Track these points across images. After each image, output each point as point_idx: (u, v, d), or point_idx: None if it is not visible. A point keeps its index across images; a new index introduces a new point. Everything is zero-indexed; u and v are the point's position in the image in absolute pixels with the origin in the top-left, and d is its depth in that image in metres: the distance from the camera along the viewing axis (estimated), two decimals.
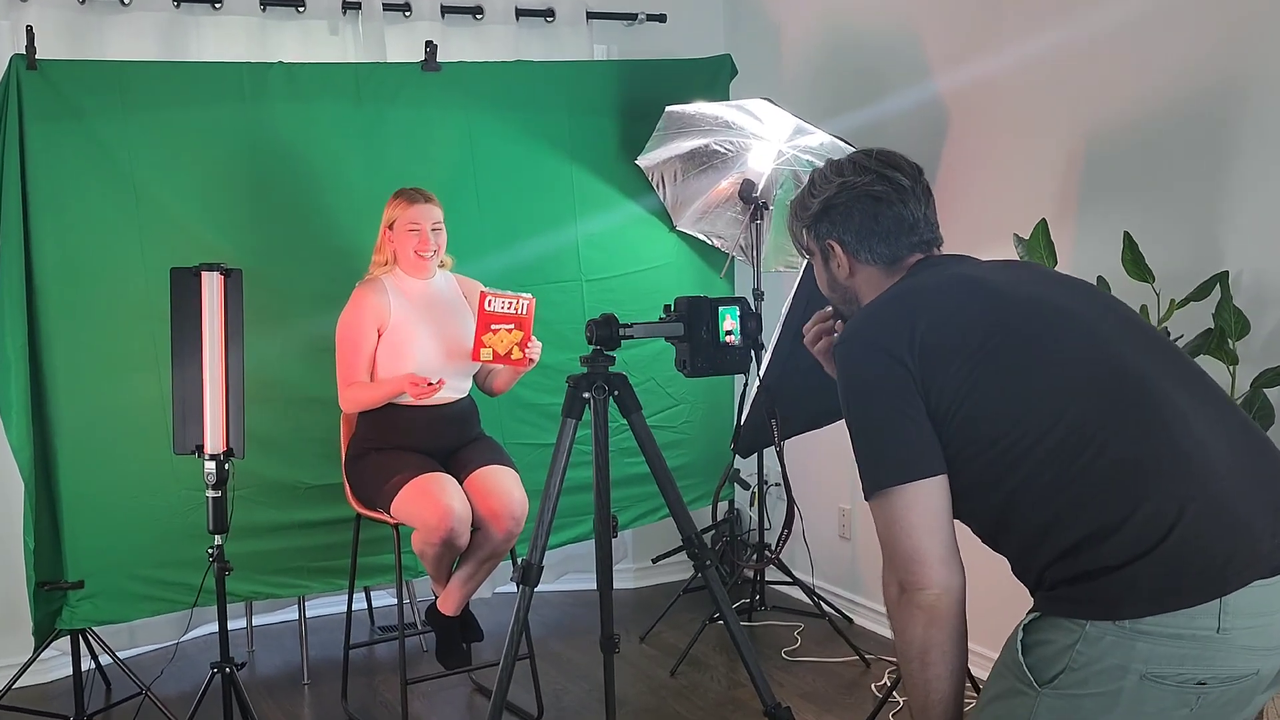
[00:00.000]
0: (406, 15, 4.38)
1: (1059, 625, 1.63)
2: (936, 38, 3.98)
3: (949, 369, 1.72)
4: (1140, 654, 1.56)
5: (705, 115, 4.20)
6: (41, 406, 3.68)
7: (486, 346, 3.43)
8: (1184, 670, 1.56)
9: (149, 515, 3.78)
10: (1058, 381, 1.69)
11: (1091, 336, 1.75)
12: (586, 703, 3.82)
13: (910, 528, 1.71)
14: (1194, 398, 1.71)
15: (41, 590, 3.66)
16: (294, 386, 3.94)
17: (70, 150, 3.68)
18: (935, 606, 1.70)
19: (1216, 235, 3.08)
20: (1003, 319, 1.76)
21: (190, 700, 3.43)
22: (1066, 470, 1.64)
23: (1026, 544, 1.71)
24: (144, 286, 3.71)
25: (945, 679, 1.72)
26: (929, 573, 1.69)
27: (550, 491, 2.73)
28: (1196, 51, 3.14)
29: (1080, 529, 1.62)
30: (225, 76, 3.91)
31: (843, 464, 4.52)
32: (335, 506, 3.86)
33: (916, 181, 1.96)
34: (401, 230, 3.57)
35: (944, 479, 1.72)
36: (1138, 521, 1.59)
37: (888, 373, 1.75)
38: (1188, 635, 1.56)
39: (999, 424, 1.69)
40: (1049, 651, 1.63)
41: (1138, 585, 1.57)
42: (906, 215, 1.93)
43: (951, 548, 1.72)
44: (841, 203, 1.95)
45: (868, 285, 1.98)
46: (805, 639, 4.31)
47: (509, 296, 3.44)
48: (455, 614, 3.57)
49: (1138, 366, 1.71)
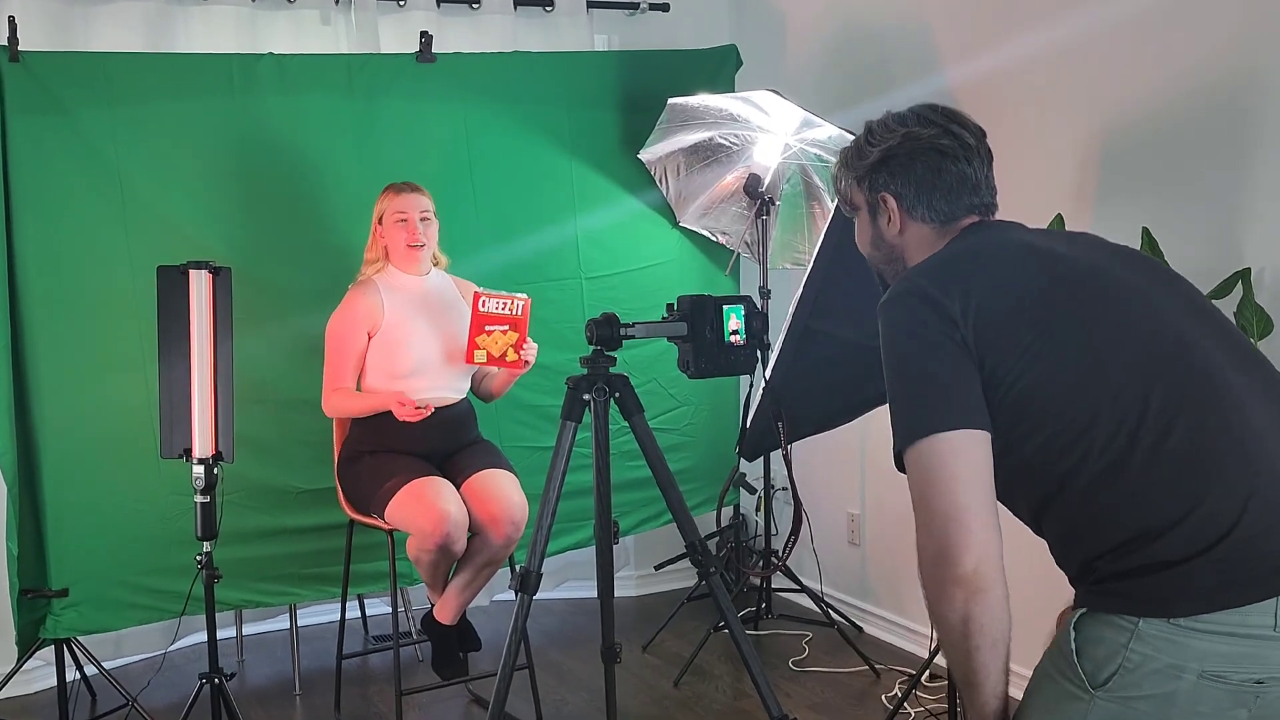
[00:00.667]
0: (401, 4, 4.38)
1: (1110, 623, 1.58)
2: (947, 27, 3.97)
3: (1005, 340, 1.66)
4: (1196, 652, 1.53)
5: (709, 108, 4.20)
6: (24, 408, 3.68)
7: (480, 348, 3.42)
8: (1241, 669, 1.54)
9: (135, 521, 3.78)
10: (1120, 361, 1.65)
11: (1156, 315, 1.70)
12: (587, 714, 3.81)
13: (954, 481, 1.61)
14: (1252, 383, 1.68)
15: (24, 598, 3.66)
16: (285, 388, 3.93)
17: (54, 144, 3.68)
18: (973, 579, 1.59)
19: (1238, 231, 3.07)
20: (1064, 291, 1.72)
21: (178, 712, 3.42)
22: (1125, 458, 1.60)
23: (1074, 532, 1.67)
24: (130, 284, 3.71)
25: (988, 650, 1.62)
26: (967, 535, 1.59)
27: (549, 496, 2.72)
28: (1216, 40, 3.13)
29: (1137, 522, 1.58)
30: (214, 68, 3.91)
31: (852, 467, 4.53)
32: (328, 512, 3.86)
33: (980, 141, 1.92)
34: (390, 222, 3.57)
35: (989, 438, 1.64)
36: (1199, 517, 1.55)
37: (938, 328, 1.68)
38: (1243, 634, 1.53)
39: (1056, 402, 1.64)
40: (1101, 652, 1.58)
41: (1193, 583, 1.54)
42: (970, 174, 1.89)
43: (992, 510, 1.62)
44: (904, 153, 1.89)
45: (917, 245, 1.92)
46: (813, 648, 4.30)
47: (504, 297, 3.44)
48: (452, 622, 3.56)
49: (1201, 348, 1.67)
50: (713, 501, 4.66)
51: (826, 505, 4.61)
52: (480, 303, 3.41)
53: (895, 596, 4.39)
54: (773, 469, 4.46)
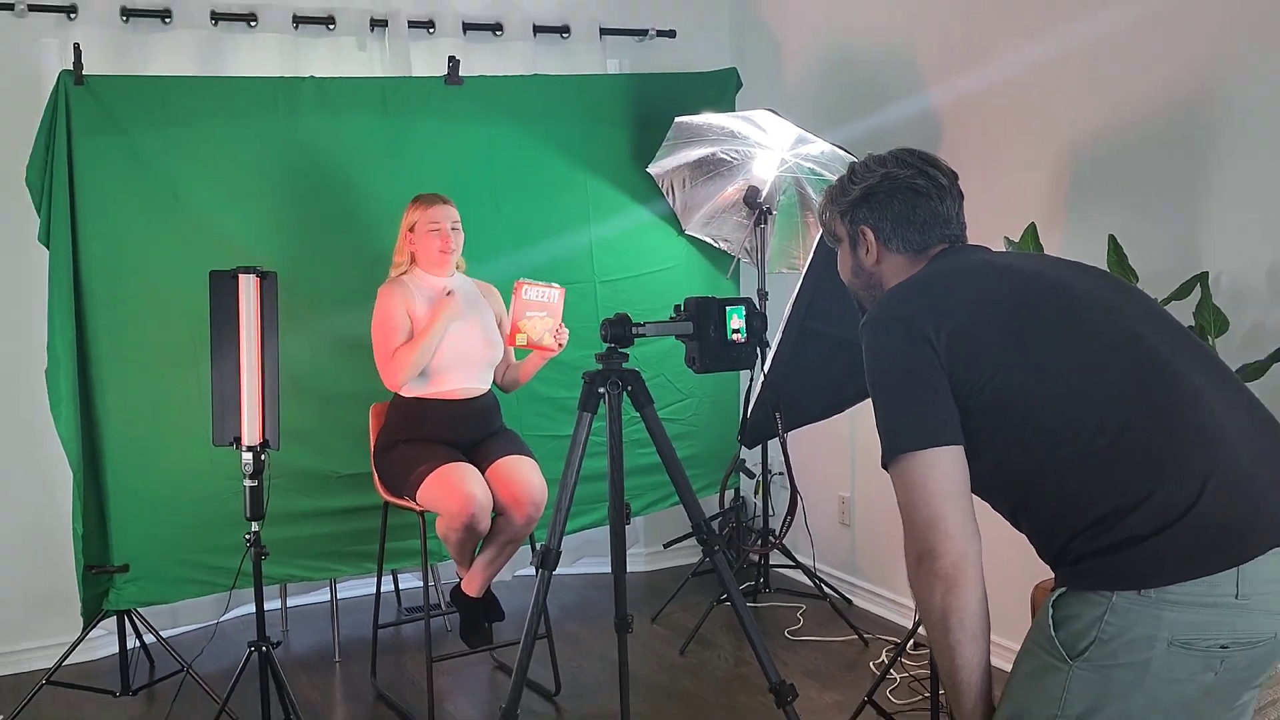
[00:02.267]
0: (430, 32, 4.38)
1: (1086, 599, 1.60)
2: (930, 52, 3.97)
3: (975, 350, 1.69)
4: (1166, 622, 1.54)
5: (712, 125, 4.20)
6: (89, 401, 3.69)
7: (522, 332, 3.44)
8: (1207, 635, 1.55)
9: (190, 503, 3.80)
10: (1085, 362, 1.67)
11: (1114, 319, 1.73)
12: (601, 680, 3.82)
13: (929, 494, 1.66)
14: (1206, 378, 1.70)
15: (89, 573, 3.68)
16: (325, 382, 3.94)
17: (115, 160, 3.69)
18: (952, 574, 1.64)
19: (1197, 238, 3.07)
20: (1030, 303, 1.74)
21: (229, 677, 3.43)
22: (1091, 448, 1.62)
23: (1050, 520, 1.68)
24: (184, 288, 3.71)
25: (968, 644, 1.66)
26: (946, 540, 1.64)
27: (567, 480, 2.72)
28: (1175, 65, 3.13)
29: (1105, 504, 1.60)
30: (260, 90, 3.91)
31: (843, 454, 4.53)
32: (364, 494, 3.86)
33: (953, 183, 1.95)
34: (423, 231, 3.57)
35: (961, 450, 1.68)
36: (1161, 497, 1.57)
37: (912, 348, 1.71)
38: (1209, 602, 1.54)
39: (1026, 403, 1.66)
40: (1078, 625, 1.60)
41: (1161, 556, 1.55)
42: (942, 210, 1.93)
43: (969, 514, 1.66)
44: (883, 191, 1.93)
45: (893, 272, 1.95)
46: (807, 619, 4.30)
47: (543, 286, 3.47)
48: (478, 595, 3.57)
49: (1157, 347, 1.69)
50: (716, 485, 4.67)
51: (819, 489, 4.61)
52: (523, 291, 3.43)
53: (882, 572, 4.39)
54: (770, 456, 4.46)
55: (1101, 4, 3.32)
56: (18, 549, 3.99)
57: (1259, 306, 2.94)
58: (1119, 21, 3.27)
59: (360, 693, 3.82)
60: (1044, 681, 1.63)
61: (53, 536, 3.93)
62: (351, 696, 3.80)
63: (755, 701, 3.61)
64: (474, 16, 4.47)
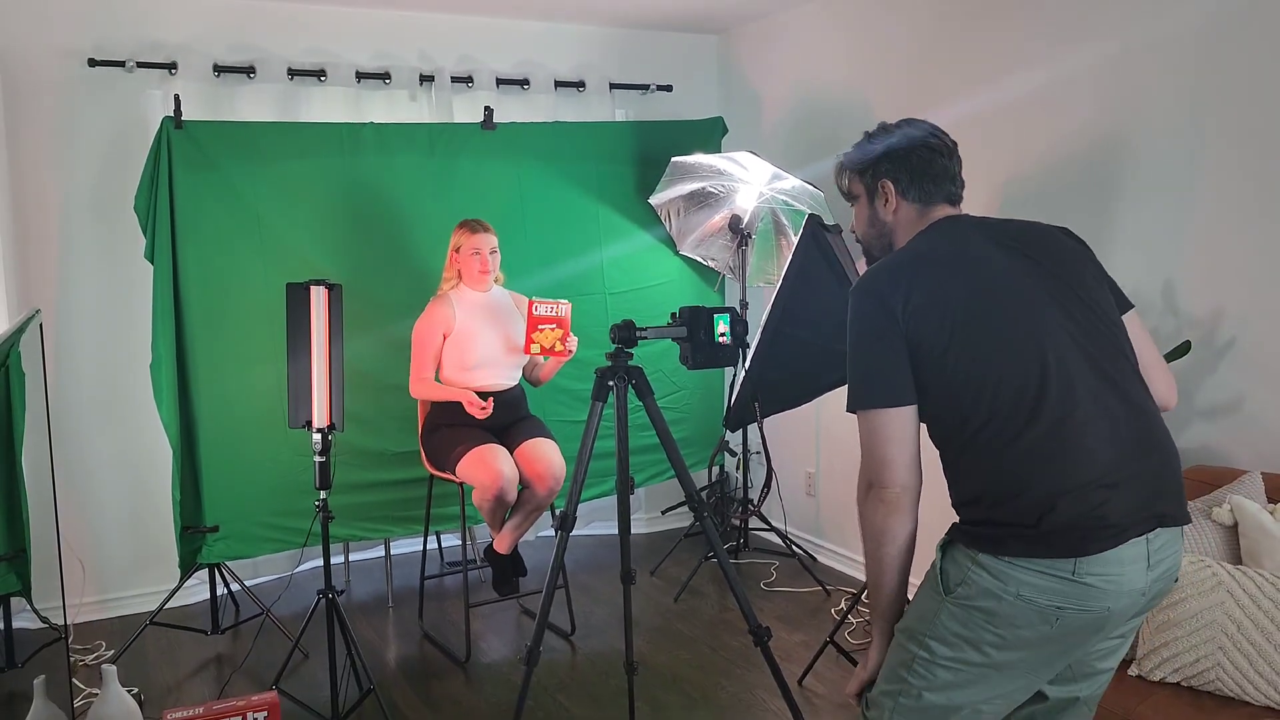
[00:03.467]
0: (469, 86, 4.38)
1: (963, 551, 1.66)
2: (883, 104, 3.96)
3: (930, 331, 1.69)
4: (1015, 581, 1.60)
5: (702, 164, 4.19)
6: (186, 391, 3.69)
7: (535, 342, 3.43)
8: (1048, 599, 1.59)
9: (269, 475, 3.80)
10: (1004, 361, 1.66)
11: (1037, 335, 1.68)
12: (609, 622, 3.82)
13: (886, 440, 1.68)
14: (1104, 383, 1.67)
15: (185, 533, 3.69)
16: (381, 375, 3.93)
17: (208, 192, 3.69)
18: (894, 501, 1.68)
19: (1107, 256, 3.04)
20: (976, 300, 1.71)
21: (301, 619, 3.44)
22: (987, 436, 1.65)
23: (955, 475, 1.73)
24: (265, 297, 3.72)
25: (895, 558, 1.71)
26: (894, 474, 1.67)
27: (582, 458, 2.72)
28: (1090, 114, 3.12)
29: (982, 488, 1.65)
30: (328, 134, 3.91)
31: (810, 436, 4.53)
32: (413, 469, 3.86)
33: (955, 148, 1.92)
34: (466, 254, 3.57)
35: (914, 409, 1.70)
36: (1026, 500, 1.61)
37: (883, 319, 1.71)
38: (1051, 574, 1.58)
39: (958, 382, 1.67)
40: (953, 569, 1.67)
41: (1018, 539, 1.61)
42: (950, 167, 1.87)
43: (914, 458, 1.69)
44: (903, 147, 1.87)
45: (904, 224, 1.87)
46: (779, 573, 4.30)
47: (551, 303, 3.45)
48: (507, 553, 3.57)
49: (1065, 361, 1.66)
50: (704, 462, 4.66)
51: (790, 465, 4.61)
52: (533, 308, 3.42)
53: (841, 533, 4.39)
54: (750, 438, 4.46)
55: (1026, 65, 3.32)
56: (127, 513, 3.99)
57: (1156, 315, 2.94)
58: (1041, 80, 3.26)
59: (410, 632, 3.82)
60: (927, 606, 1.70)
61: (155, 503, 3.93)
62: (402, 636, 3.80)
63: (736, 641, 3.61)
64: (506, 73, 4.47)
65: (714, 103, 4.97)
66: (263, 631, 3.69)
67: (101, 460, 3.93)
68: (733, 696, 3.21)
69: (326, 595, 3.06)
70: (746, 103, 4.81)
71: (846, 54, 4.14)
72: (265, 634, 3.67)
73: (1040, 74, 3.26)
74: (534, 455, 3.49)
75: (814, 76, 4.38)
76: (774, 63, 4.63)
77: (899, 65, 3.87)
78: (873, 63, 4.01)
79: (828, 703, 3.13)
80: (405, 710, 3.16)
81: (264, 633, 3.68)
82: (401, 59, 4.29)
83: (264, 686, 3.29)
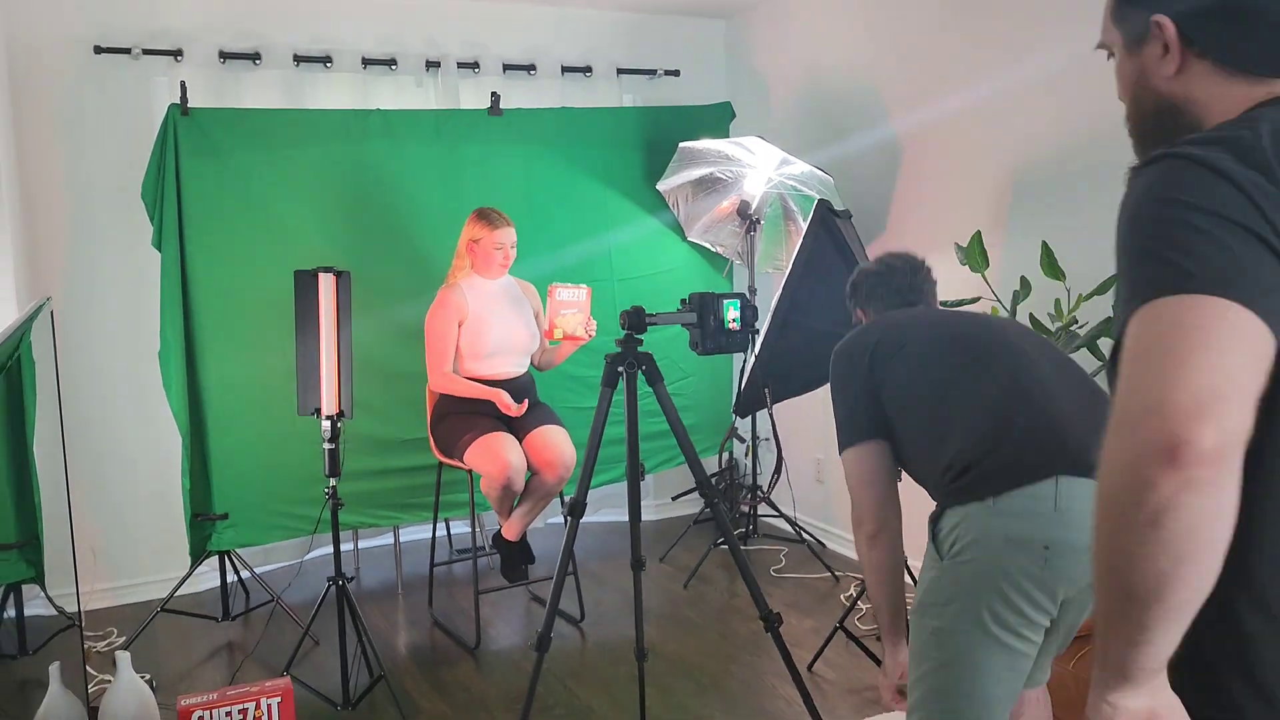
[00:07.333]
0: (476, 71, 4.36)
1: (950, 513, 1.75)
2: (892, 88, 3.94)
3: (891, 370, 1.91)
4: (1002, 524, 1.68)
5: (710, 149, 4.18)
6: (194, 379, 3.70)
7: (558, 326, 3.44)
8: (1034, 535, 1.65)
9: (279, 462, 3.80)
10: (966, 404, 1.81)
11: (992, 343, 1.88)
12: (619, 609, 3.82)
13: (858, 480, 1.92)
14: (1052, 363, 1.85)
15: (195, 520, 3.70)
16: (389, 362, 3.94)
17: (215, 179, 3.68)
18: (871, 538, 1.93)
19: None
20: (939, 347, 1.91)
21: (311, 606, 3.45)
22: (966, 437, 1.79)
23: (921, 471, 1.90)
24: (273, 284, 3.71)
25: (882, 583, 1.96)
26: (867, 514, 1.92)
27: (592, 444, 2.71)
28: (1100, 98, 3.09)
29: (962, 459, 1.76)
30: (335, 120, 3.90)
31: (820, 423, 4.52)
32: (422, 456, 3.86)
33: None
34: (488, 249, 3.53)
35: (883, 444, 1.91)
36: (997, 456, 1.73)
37: (856, 366, 1.95)
38: (1033, 511, 1.66)
39: (919, 415, 1.87)
40: (944, 533, 1.75)
41: (989, 474, 1.71)
42: None
43: (887, 497, 1.91)
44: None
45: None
46: (789, 560, 4.30)
47: (573, 288, 3.46)
48: (516, 540, 3.57)
49: (1009, 342, 1.87)
50: (714, 448, 4.67)
51: (799, 452, 4.61)
52: (556, 293, 3.42)
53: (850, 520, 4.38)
54: (759, 424, 4.46)
55: (1038, 49, 3.30)
56: (137, 501, 4.01)
57: None
58: (1054, 63, 3.24)
59: (419, 619, 3.84)
60: (929, 577, 1.79)
61: (165, 490, 3.94)
62: (412, 622, 3.81)
63: (746, 628, 3.61)
64: (512, 58, 4.45)
65: (722, 88, 4.95)
66: (273, 618, 3.70)
67: (112, 448, 3.95)
68: (743, 683, 3.21)
69: (336, 582, 3.07)
70: (754, 87, 4.79)
71: (855, 38, 4.12)
72: (276, 621, 3.69)
73: (1053, 58, 3.24)
74: (544, 443, 3.49)
75: (822, 61, 4.35)
76: (782, 47, 4.61)
77: (908, 49, 3.85)
78: (882, 46, 3.98)
79: (837, 688, 3.14)
80: (416, 697, 3.17)
81: (274, 619, 3.70)
82: (408, 45, 4.28)
83: (275, 673, 3.31)
